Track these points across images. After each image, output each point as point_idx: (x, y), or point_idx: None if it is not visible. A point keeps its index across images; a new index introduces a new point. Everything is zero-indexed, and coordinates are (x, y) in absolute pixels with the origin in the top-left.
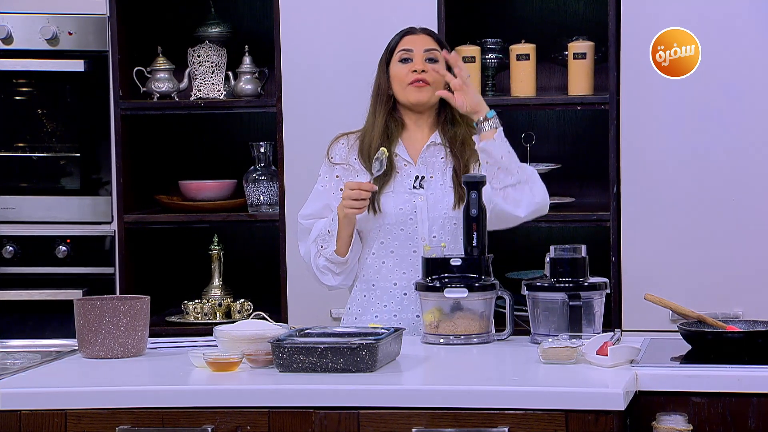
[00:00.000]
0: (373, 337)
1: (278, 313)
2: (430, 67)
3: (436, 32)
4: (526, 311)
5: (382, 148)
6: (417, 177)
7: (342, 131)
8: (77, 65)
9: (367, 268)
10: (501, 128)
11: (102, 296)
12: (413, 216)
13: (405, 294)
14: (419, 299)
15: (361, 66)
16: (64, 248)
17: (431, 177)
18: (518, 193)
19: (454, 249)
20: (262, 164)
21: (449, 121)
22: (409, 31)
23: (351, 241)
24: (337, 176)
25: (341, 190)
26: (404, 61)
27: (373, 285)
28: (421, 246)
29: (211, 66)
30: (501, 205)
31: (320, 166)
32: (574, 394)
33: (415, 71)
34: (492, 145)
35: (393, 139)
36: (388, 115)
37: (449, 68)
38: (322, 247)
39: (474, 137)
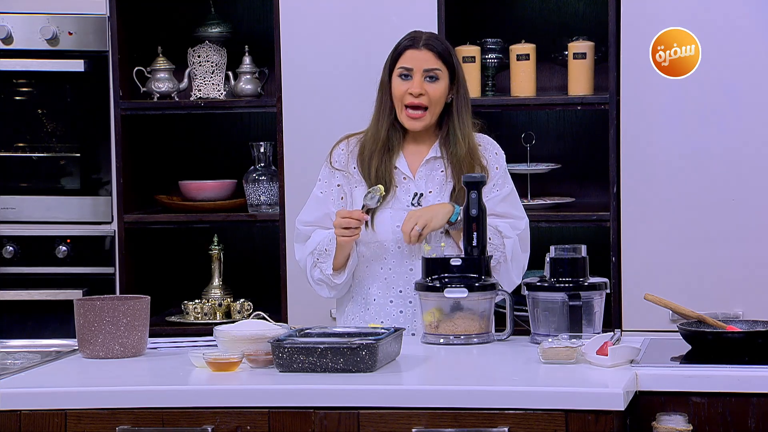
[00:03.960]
0: (373, 337)
1: (278, 313)
2: (429, 87)
3: (438, 32)
4: (526, 311)
5: (380, 186)
6: (416, 194)
7: (343, 132)
8: (77, 65)
9: (363, 284)
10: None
11: (102, 296)
12: None
13: (401, 312)
14: (415, 308)
15: (361, 66)
16: (64, 248)
17: (430, 192)
18: (496, 274)
19: None
20: (262, 164)
21: (451, 135)
22: (412, 44)
23: (347, 262)
24: (338, 185)
25: (342, 199)
26: (403, 77)
27: (369, 302)
28: (417, 264)
29: (211, 66)
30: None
31: (320, 168)
32: (574, 394)
33: (412, 94)
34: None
35: (394, 150)
36: (390, 126)
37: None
38: (318, 260)
39: (450, 230)
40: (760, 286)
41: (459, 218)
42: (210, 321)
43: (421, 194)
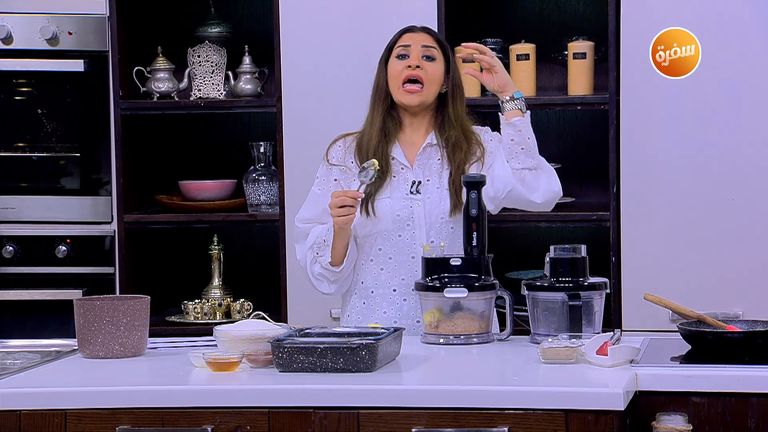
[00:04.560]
0: (372, 337)
1: (278, 313)
2: (427, 65)
3: (437, 32)
4: (526, 311)
5: (373, 160)
6: (414, 182)
7: (342, 132)
8: (77, 65)
9: (365, 275)
10: (529, 112)
11: (102, 296)
12: (411, 222)
13: (404, 300)
14: (419, 300)
15: (361, 66)
16: (64, 248)
17: (428, 180)
18: (534, 178)
19: (452, 252)
20: (262, 164)
21: (446, 122)
22: (410, 29)
23: (346, 252)
24: (335, 180)
25: None
26: (401, 57)
27: (372, 292)
28: (419, 252)
29: (211, 66)
30: (518, 189)
31: (318, 167)
32: (574, 394)
33: (410, 67)
34: (523, 122)
35: (390, 139)
36: (386, 113)
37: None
38: (318, 254)
39: (500, 116)
40: (760, 286)
41: (523, 98)
42: (210, 321)
43: (419, 182)
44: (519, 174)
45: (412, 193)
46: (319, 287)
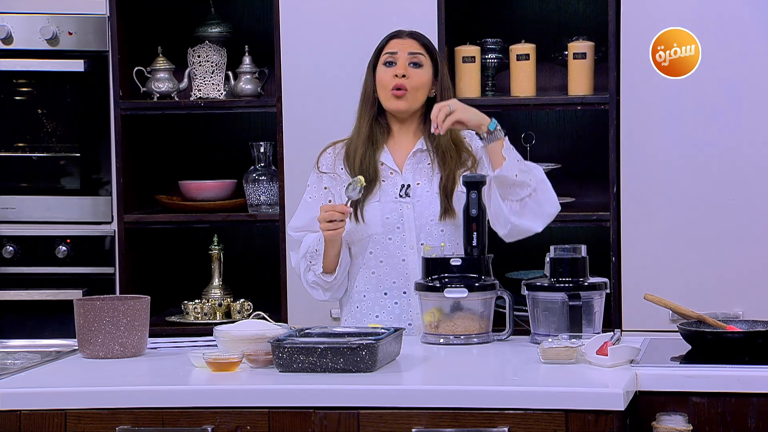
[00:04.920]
0: (373, 337)
1: (278, 313)
2: (413, 72)
3: (435, 32)
4: (526, 311)
5: (359, 177)
6: (403, 186)
7: (342, 132)
8: (77, 65)
9: (358, 279)
10: (506, 138)
11: (102, 296)
12: (400, 224)
13: (396, 303)
14: (414, 302)
15: (361, 66)
16: (64, 248)
17: (418, 184)
18: (536, 203)
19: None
20: (262, 164)
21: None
22: (396, 35)
23: (338, 260)
24: (325, 187)
25: (330, 201)
26: (388, 64)
27: (365, 296)
28: (409, 255)
29: (211, 66)
30: (520, 225)
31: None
32: (574, 394)
33: (396, 76)
34: (504, 169)
35: (378, 146)
36: (373, 120)
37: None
38: (311, 263)
39: (482, 143)
40: (760, 286)
41: (497, 128)
42: (210, 321)
43: (408, 185)
44: (519, 204)
45: (401, 196)
46: (314, 294)
